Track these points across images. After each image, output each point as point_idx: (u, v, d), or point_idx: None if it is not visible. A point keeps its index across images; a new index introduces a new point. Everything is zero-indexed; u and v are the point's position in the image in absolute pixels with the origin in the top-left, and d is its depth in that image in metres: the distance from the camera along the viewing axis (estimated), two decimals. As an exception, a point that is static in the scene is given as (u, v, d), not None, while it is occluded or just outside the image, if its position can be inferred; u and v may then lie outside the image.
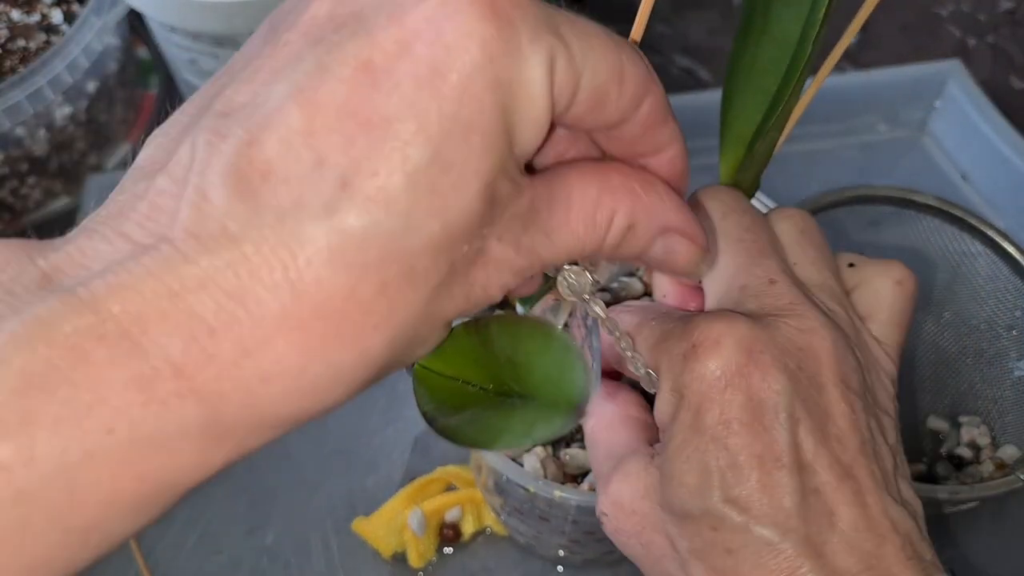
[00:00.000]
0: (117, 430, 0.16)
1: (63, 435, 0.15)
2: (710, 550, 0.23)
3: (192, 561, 0.44)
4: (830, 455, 0.23)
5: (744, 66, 0.26)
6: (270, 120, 0.17)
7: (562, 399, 0.23)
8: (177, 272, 0.16)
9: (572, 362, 0.24)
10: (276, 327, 0.17)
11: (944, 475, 0.45)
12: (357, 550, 0.44)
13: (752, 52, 0.26)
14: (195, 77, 0.56)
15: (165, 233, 0.17)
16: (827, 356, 0.24)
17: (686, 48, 0.68)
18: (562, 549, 0.42)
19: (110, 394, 0.16)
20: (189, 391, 0.16)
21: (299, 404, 0.18)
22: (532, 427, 0.23)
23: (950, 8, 0.64)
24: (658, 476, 0.24)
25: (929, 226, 0.50)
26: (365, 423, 0.48)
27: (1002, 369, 0.47)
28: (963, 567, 0.45)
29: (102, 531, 0.16)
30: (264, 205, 0.17)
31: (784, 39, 0.25)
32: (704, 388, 0.23)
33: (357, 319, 0.17)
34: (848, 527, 0.23)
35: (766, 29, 0.25)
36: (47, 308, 0.16)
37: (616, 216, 0.21)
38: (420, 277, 0.18)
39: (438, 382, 0.24)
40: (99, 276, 0.16)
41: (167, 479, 0.17)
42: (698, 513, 0.23)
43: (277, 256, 0.16)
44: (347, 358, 0.17)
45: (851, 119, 0.61)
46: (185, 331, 0.16)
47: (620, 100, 0.20)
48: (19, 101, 0.51)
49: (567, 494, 0.31)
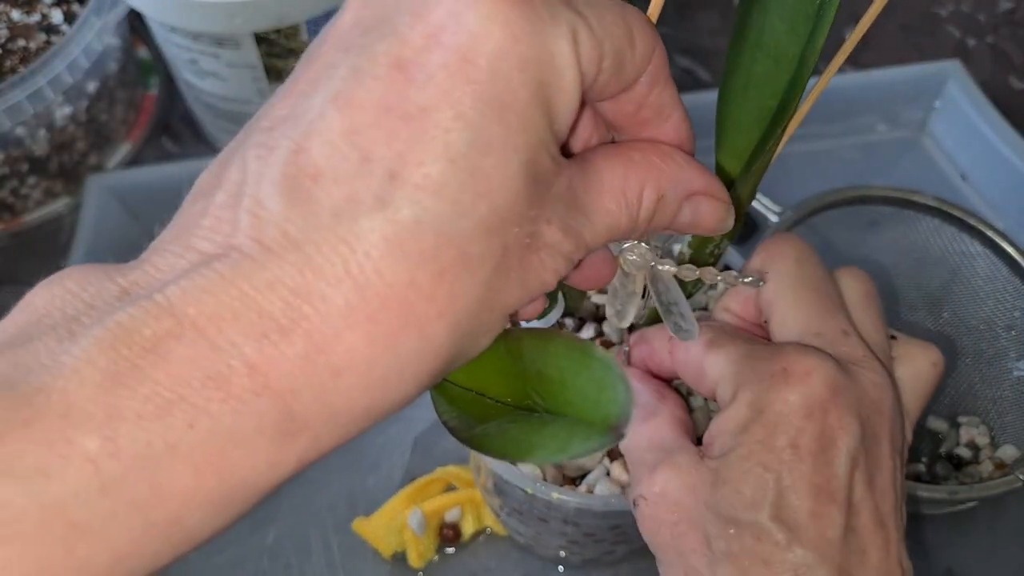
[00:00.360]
0: (197, 425, 0.16)
1: (146, 429, 0.16)
2: (747, 557, 0.25)
3: (193, 561, 0.44)
4: (872, 503, 0.26)
5: (739, 82, 0.26)
6: (313, 126, 0.18)
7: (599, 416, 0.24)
8: (246, 275, 0.17)
9: (613, 381, 0.24)
10: (343, 321, 0.17)
11: (943, 475, 0.45)
12: (357, 550, 0.44)
13: (747, 68, 0.25)
14: (195, 77, 0.56)
15: (231, 242, 0.17)
16: (889, 413, 0.27)
17: (686, 48, 0.68)
18: (562, 549, 0.42)
19: (189, 391, 0.16)
20: (264, 387, 0.17)
21: (370, 397, 0.18)
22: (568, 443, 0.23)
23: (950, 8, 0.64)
24: (708, 476, 0.26)
25: (928, 226, 0.50)
26: (365, 423, 0.48)
27: (1001, 369, 0.47)
28: (962, 567, 0.45)
29: (183, 527, 0.16)
30: (318, 206, 0.17)
31: (780, 54, 0.24)
32: (786, 411, 0.25)
33: (420, 308, 0.18)
34: (874, 568, 0.25)
35: (761, 44, 0.25)
36: (127, 315, 0.17)
37: (645, 190, 0.22)
38: (475, 261, 0.18)
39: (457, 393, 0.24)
40: (174, 283, 0.17)
41: (244, 476, 0.17)
42: (746, 522, 0.25)
43: (337, 253, 0.17)
44: (413, 347, 0.18)
45: (851, 119, 0.61)
46: (257, 330, 0.17)
47: (635, 59, 0.21)
48: (19, 101, 0.51)
49: (566, 496, 0.31)
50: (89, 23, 0.53)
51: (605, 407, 0.23)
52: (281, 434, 0.17)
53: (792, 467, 0.25)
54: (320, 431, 0.18)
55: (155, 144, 0.63)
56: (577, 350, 0.24)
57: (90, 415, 0.15)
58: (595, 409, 0.23)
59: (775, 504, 0.25)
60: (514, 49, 0.18)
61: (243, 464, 0.17)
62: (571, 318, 0.35)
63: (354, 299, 0.17)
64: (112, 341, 0.16)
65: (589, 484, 0.32)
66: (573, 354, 0.24)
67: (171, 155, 0.62)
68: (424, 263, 0.18)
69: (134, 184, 0.55)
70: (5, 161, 0.54)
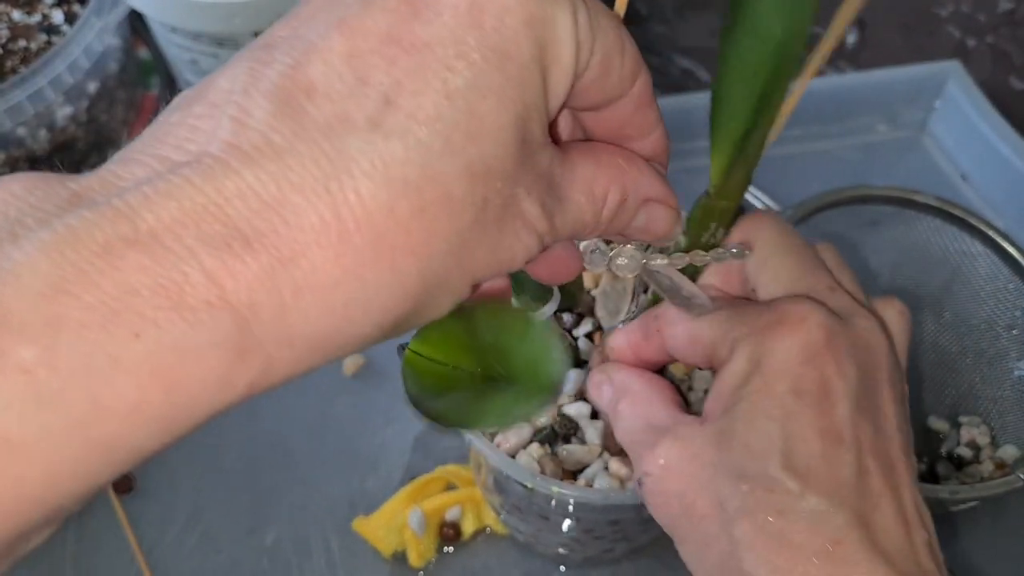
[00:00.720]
0: (144, 336, 0.15)
1: (88, 339, 0.15)
2: (761, 510, 0.24)
3: (193, 561, 0.44)
4: (879, 447, 0.25)
5: (731, 65, 0.26)
6: (313, 46, 0.18)
7: (541, 382, 0.24)
8: (216, 182, 0.16)
9: (550, 348, 0.25)
10: (313, 238, 0.16)
11: (944, 475, 0.45)
12: (357, 549, 0.44)
13: (738, 52, 0.26)
14: (196, 77, 0.56)
15: (205, 149, 0.17)
16: (884, 358, 0.27)
17: (686, 49, 0.68)
18: (562, 547, 0.42)
19: (137, 300, 0.15)
20: (220, 299, 0.16)
21: (330, 323, 0.17)
22: (511, 407, 0.24)
23: (950, 8, 0.64)
24: (712, 438, 0.26)
25: (929, 226, 0.50)
26: (365, 422, 0.48)
27: (1002, 369, 0.47)
28: (963, 567, 0.45)
29: (124, 446, 0.16)
30: (308, 119, 0.17)
31: (770, 37, 0.25)
32: (783, 359, 0.25)
33: (394, 239, 0.17)
34: (888, 513, 0.25)
35: (752, 28, 0.25)
36: (79, 217, 0.16)
37: (611, 190, 0.22)
38: (456, 205, 0.18)
39: (427, 367, 0.24)
40: (135, 188, 0.16)
41: (192, 392, 0.16)
42: (755, 474, 0.24)
43: (319, 166, 0.17)
44: (382, 279, 0.17)
45: (851, 120, 0.61)
46: (220, 239, 0.16)
47: (621, 71, 0.21)
48: (20, 101, 0.51)
49: (565, 490, 0.31)
50: (90, 23, 0.53)
51: (546, 369, 0.24)
52: (234, 351, 0.16)
53: (796, 413, 0.25)
54: (274, 354, 0.17)
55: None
56: (520, 320, 0.26)
57: (28, 323, 0.15)
58: (538, 373, 0.24)
59: (784, 452, 0.24)
60: (523, 5, 0.18)
61: (191, 379, 0.16)
62: (569, 312, 0.35)
63: (328, 216, 0.17)
64: (59, 244, 0.15)
65: (588, 478, 0.32)
66: (517, 324, 0.25)
67: (171, 155, 0.62)
68: (406, 194, 0.17)
69: (134, 184, 0.55)
70: (6, 161, 0.54)
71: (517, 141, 0.19)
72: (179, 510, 0.45)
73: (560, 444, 0.33)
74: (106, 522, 0.44)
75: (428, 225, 0.18)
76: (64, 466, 0.15)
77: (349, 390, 0.49)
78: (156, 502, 0.45)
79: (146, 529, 0.44)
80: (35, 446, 0.15)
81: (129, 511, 0.45)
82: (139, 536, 0.44)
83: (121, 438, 0.15)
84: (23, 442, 0.14)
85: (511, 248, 0.20)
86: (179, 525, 0.45)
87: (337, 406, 0.48)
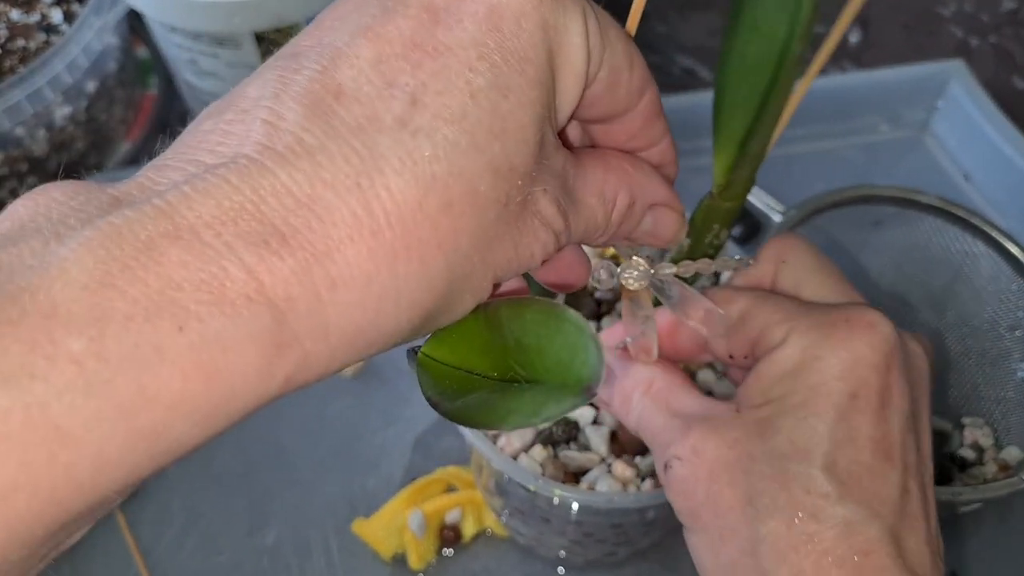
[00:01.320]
0: (187, 328, 0.16)
1: (134, 331, 0.15)
2: (795, 511, 0.23)
3: (192, 562, 0.44)
4: (921, 469, 0.25)
5: (734, 64, 0.26)
6: (340, 52, 0.18)
7: (572, 379, 0.24)
8: (252, 180, 0.17)
9: (585, 343, 0.24)
10: (347, 233, 0.17)
11: (947, 476, 0.44)
12: (357, 551, 0.44)
13: (741, 50, 0.25)
14: (195, 77, 0.56)
15: (239, 150, 0.17)
16: (925, 384, 0.26)
17: (687, 48, 0.68)
18: (563, 550, 0.41)
19: (180, 294, 0.16)
20: (258, 293, 0.16)
21: (364, 317, 0.18)
22: (542, 406, 0.23)
23: (952, 8, 0.63)
24: (752, 427, 0.25)
25: (931, 226, 0.50)
26: (365, 423, 0.48)
27: (1005, 370, 0.47)
28: (966, 568, 0.45)
29: (167, 436, 0.16)
30: (338, 120, 0.18)
31: (772, 35, 0.24)
32: (848, 359, 0.24)
33: (423, 233, 0.18)
34: (920, 537, 0.24)
35: (754, 26, 0.25)
36: (122, 217, 0.16)
37: (620, 193, 0.23)
38: (481, 201, 0.19)
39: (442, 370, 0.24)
40: (174, 188, 0.17)
41: (232, 384, 0.16)
42: (795, 472, 0.24)
43: (350, 164, 0.17)
44: (412, 272, 0.18)
45: (853, 119, 0.61)
46: (257, 236, 0.16)
47: (629, 85, 0.22)
48: (19, 101, 0.51)
49: (568, 493, 0.31)
50: (88, 23, 0.53)
51: (578, 369, 0.24)
52: (272, 344, 0.17)
53: (851, 417, 0.24)
54: (310, 348, 0.17)
55: (154, 144, 0.62)
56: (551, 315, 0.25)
57: (76, 315, 0.15)
58: (569, 372, 0.24)
59: (829, 454, 0.24)
60: (537, 10, 0.19)
61: (231, 371, 0.16)
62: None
63: (360, 212, 0.17)
64: (103, 241, 0.16)
65: (590, 482, 0.32)
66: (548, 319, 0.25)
67: (171, 155, 0.62)
68: (435, 189, 0.18)
69: (134, 184, 0.55)
70: (4, 161, 0.54)
71: (537, 141, 0.20)
72: (178, 511, 0.45)
73: (563, 448, 0.33)
74: (105, 524, 0.44)
75: (455, 220, 0.18)
76: (111, 455, 0.15)
77: (349, 392, 0.49)
78: (155, 503, 0.45)
79: (144, 530, 0.44)
80: (84, 435, 0.15)
81: (128, 512, 0.45)
82: (137, 537, 0.44)
83: (165, 428, 0.16)
84: (73, 430, 0.15)
85: (530, 246, 0.21)
86: (178, 526, 0.45)
87: (337, 408, 0.48)
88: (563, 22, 0.20)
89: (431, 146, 0.18)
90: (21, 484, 0.14)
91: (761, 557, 0.23)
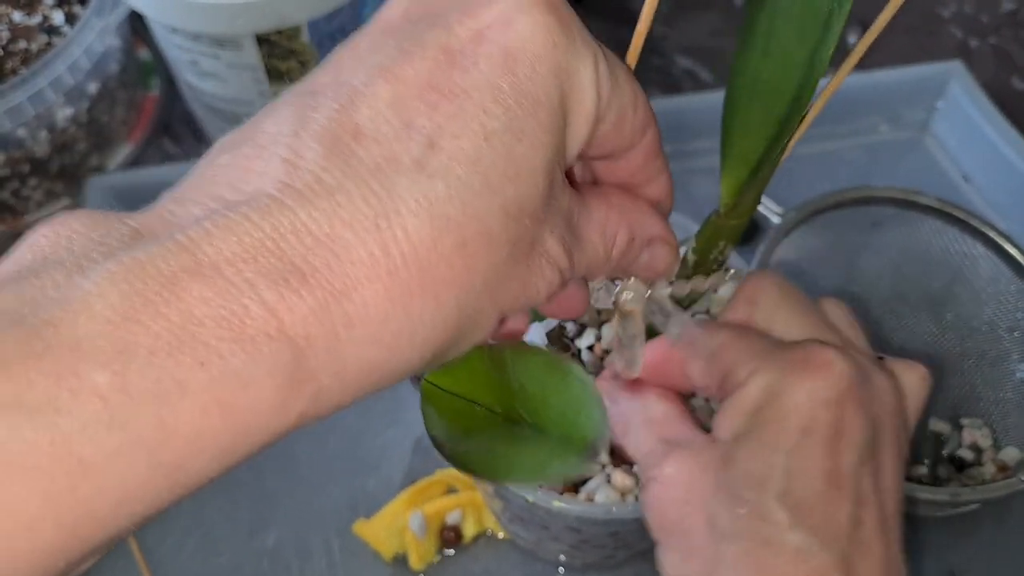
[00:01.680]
0: (208, 364, 0.16)
1: (156, 366, 0.15)
2: (749, 536, 0.24)
3: (193, 563, 0.44)
4: (878, 502, 0.26)
5: (746, 87, 0.26)
6: (358, 91, 0.19)
7: (577, 435, 0.24)
8: (272, 219, 0.17)
9: (589, 400, 0.24)
10: (364, 273, 0.17)
11: (946, 477, 0.44)
12: (358, 552, 0.44)
13: (754, 73, 0.25)
14: (196, 78, 0.56)
15: (260, 188, 0.18)
16: (895, 418, 0.27)
17: (688, 49, 0.68)
18: (563, 554, 0.42)
19: (202, 330, 0.16)
20: (278, 331, 0.16)
21: (379, 354, 0.18)
22: (547, 465, 0.24)
23: (952, 9, 0.64)
24: (719, 455, 0.26)
25: (931, 228, 0.50)
26: (366, 425, 0.48)
27: (1004, 371, 0.47)
28: (964, 569, 0.45)
29: (186, 470, 0.16)
30: (356, 160, 0.18)
31: (788, 61, 0.24)
32: (802, 397, 0.25)
33: (438, 273, 0.18)
34: (875, 565, 0.25)
35: (769, 50, 0.25)
36: (145, 251, 0.16)
37: (620, 230, 0.24)
38: (494, 241, 0.19)
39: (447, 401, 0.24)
40: (196, 224, 0.17)
41: (249, 420, 0.17)
42: (752, 501, 0.25)
43: (369, 204, 0.18)
44: (427, 310, 0.18)
45: (853, 120, 0.61)
46: (277, 274, 0.17)
47: (634, 123, 0.22)
48: (21, 102, 0.51)
49: (566, 504, 0.31)
50: (90, 24, 0.53)
51: (583, 427, 0.24)
52: (289, 381, 0.17)
53: (803, 451, 0.25)
54: (326, 384, 0.17)
55: (156, 145, 0.63)
56: (556, 367, 0.25)
57: (100, 349, 0.15)
58: (574, 428, 0.24)
59: (783, 484, 0.25)
60: (552, 55, 0.19)
61: (249, 408, 0.16)
62: (571, 322, 0.35)
63: (378, 253, 0.17)
64: (126, 275, 0.16)
65: (589, 492, 0.32)
66: (552, 371, 0.25)
67: (172, 156, 0.62)
68: (450, 230, 0.18)
69: (135, 185, 0.55)
70: (6, 162, 0.54)
71: (547, 183, 0.20)
72: (180, 513, 0.45)
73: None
74: (106, 524, 0.44)
75: (468, 260, 0.19)
76: (132, 489, 0.16)
77: (350, 392, 0.49)
78: (156, 504, 0.45)
79: (147, 532, 0.44)
80: (106, 468, 0.15)
81: (129, 513, 0.45)
82: (139, 539, 0.44)
83: (184, 462, 0.16)
84: (95, 464, 0.15)
85: (537, 284, 0.21)
86: (180, 527, 0.45)
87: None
88: (576, 66, 0.20)
89: (446, 188, 0.18)
90: (45, 516, 0.15)
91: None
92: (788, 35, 0.24)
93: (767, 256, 0.47)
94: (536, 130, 0.19)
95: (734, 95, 0.26)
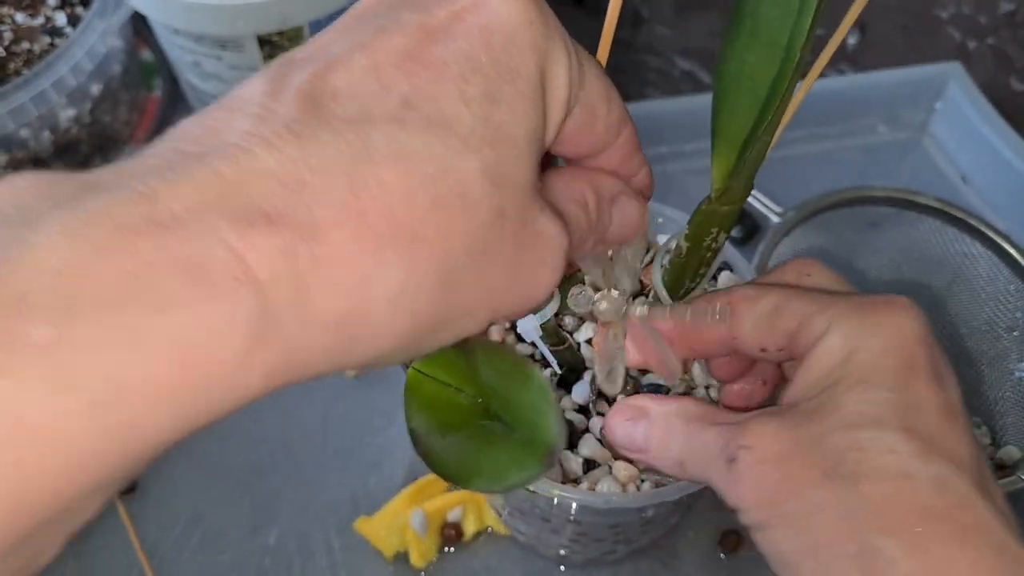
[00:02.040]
0: (166, 310, 0.15)
1: (106, 317, 0.14)
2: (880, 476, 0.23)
3: (195, 561, 0.44)
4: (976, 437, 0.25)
5: (733, 70, 0.26)
6: (336, 59, 0.19)
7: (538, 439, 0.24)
8: (237, 165, 0.16)
9: (547, 407, 0.24)
10: (332, 216, 0.17)
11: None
12: (359, 550, 0.44)
13: (740, 56, 0.26)
14: (198, 79, 0.56)
15: (225, 139, 0.17)
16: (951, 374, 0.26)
17: (687, 50, 0.68)
18: (563, 549, 0.42)
19: (159, 275, 0.15)
20: (243, 273, 0.16)
21: (347, 301, 0.17)
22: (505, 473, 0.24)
23: (951, 10, 0.64)
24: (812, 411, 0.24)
25: (930, 228, 0.50)
26: (367, 423, 0.48)
27: (1002, 370, 0.47)
28: (964, 568, 0.45)
29: (143, 432, 0.15)
30: (331, 114, 0.18)
31: (773, 41, 0.25)
32: (895, 335, 0.25)
33: (411, 227, 0.18)
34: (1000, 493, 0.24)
35: (755, 31, 0.25)
36: (97, 200, 0.15)
37: (586, 191, 0.24)
38: (472, 206, 0.19)
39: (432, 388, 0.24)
40: (152, 172, 0.16)
41: (209, 372, 0.15)
42: (872, 438, 0.23)
43: (341, 153, 0.17)
44: (400, 263, 0.18)
45: (851, 121, 0.61)
46: (242, 218, 0.16)
47: (607, 121, 0.23)
48: (23, 103, 0.51)
49: (567, 494, 0.31)
50: (93, 26, 0.54)
51: (542, 433, 0.24)
52: (254, 327, 0.16)
53: (914, 386, 0.24)
54: (292, 333, 0.17)
55: (158, 146, 0.63)
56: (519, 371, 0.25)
57: (44, 303, 0.14)
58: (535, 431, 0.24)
59: (903, 419, 0.23)
60: (529, 32, 0.20)
61: (211, 359, 0.15)
62: (570, 315, 0.35)
63: (348, 198, 0.17)
64: (78, 226, 0.15)
65: (591, 481, 0.32)
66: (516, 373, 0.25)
67: (174, 157, 0.62)
68: (424, 185, 0.18)
69: (137, 186, 0.55)
70: (9, 163, 0.54)
71: (531, 154, 0.20)
72: (181, 511, 0.45)
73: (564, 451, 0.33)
74: (109, 522, 0.44)
75: (444, 220, 0.18)
76: (82, 454, 0.14)
77: (351, 392, 0.49)
78: (158, 503, 0.45)
79: (148, 529, 0.44)
80: (52, 431, 0.14)
81: (131, 512, 0.45)
82: (141, 536, 0.44)
83: (138, 422, 0.15)
84: (39, 427, 0.14)
85: (535, 270, 0.21)
86: (181, 526, 0.45)
87: (339, 407, 0.49)
88: (551, 47, 0.20)
89: (423, 145, 0.18)
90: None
91: (862, 522, 0.22)
92: (773, 15, 0.25)
93: (767, 255, 0.47)
94: (516, 99, 0.19)
95: (722, 80, 0.26)
